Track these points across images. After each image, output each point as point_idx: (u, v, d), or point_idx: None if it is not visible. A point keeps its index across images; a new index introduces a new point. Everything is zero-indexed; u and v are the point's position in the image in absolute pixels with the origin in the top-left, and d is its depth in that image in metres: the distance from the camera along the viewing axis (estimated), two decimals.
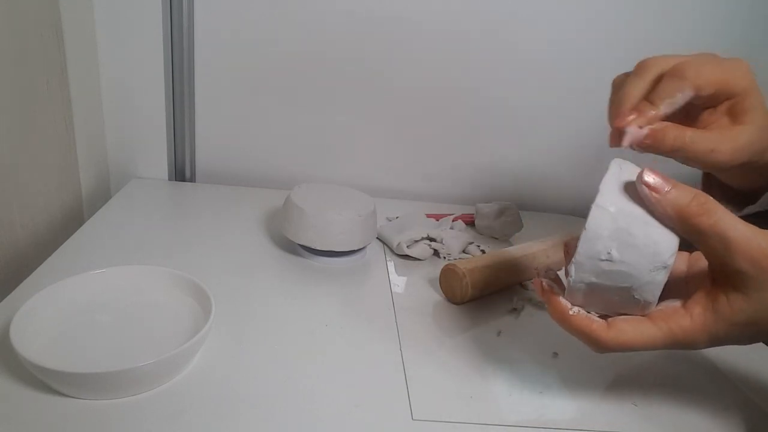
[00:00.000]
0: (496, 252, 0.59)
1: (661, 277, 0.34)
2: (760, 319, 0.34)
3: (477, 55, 0.75)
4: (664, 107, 0.38)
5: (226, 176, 0.81)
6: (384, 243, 0.66)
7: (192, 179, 0.80)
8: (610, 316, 0.37)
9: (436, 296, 0.56)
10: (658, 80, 0.39)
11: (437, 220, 0.72)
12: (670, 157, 0.40)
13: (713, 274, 0.36)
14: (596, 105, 0.77)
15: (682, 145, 0.39)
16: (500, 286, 0.57)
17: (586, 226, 0.34)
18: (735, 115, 0.40)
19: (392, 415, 0.39)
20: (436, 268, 0.58)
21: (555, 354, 0.49)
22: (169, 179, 0.79)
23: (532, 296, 0.58)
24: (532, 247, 0.60)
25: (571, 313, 0.37)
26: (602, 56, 0.75)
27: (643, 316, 0.37)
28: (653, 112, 0.38)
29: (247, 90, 0.76)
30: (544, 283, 0.39)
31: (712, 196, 0.53)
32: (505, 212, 0.72)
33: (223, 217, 0.68)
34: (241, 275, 0.55)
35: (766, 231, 0.33)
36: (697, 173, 0.53)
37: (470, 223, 0.75)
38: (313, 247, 0.58)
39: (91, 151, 0.72)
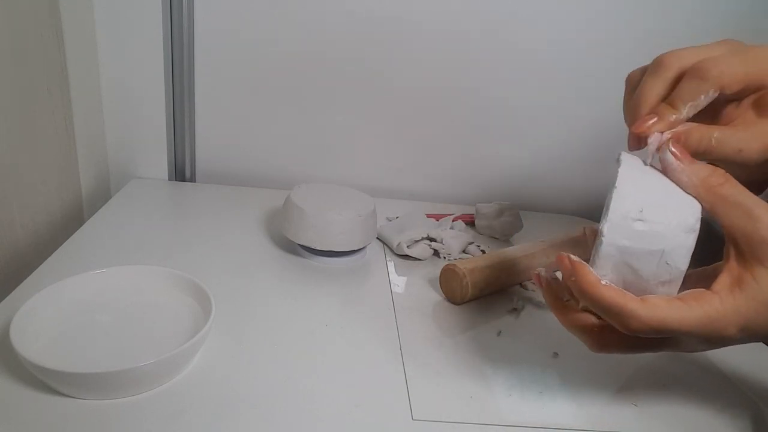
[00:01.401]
0: (496, 252, 0.59)
1: (691, 241, 0.34)
2: None
3: (477, 55, 0.75)
4: (687, 111, 0.36)
5: (226, 176, 0.81)
6: (384, 243, 0.66)
7: (192, 179, 0.80)
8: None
9: (436, 296, 0.56)
10: (679, 79, 0.36)
11: (437, 220, 0.72)
12: (695, 158, 0.37)
13: (736, 250, 0.34)
14: (596, 105, 0.78)
15: (707, 147, 0.36)
16: (500, 286, 0.57)
17: (616, 184, 0.34)
18: (762, 108, 0.37)
19: (392, 415, 0.39)
20: (436, 268, 0.58)
21: (555, 354, 0.49)
22: (169, 179, 0.79)
23: (532, 296, 0.58)
24: (532, 247, 0.60)
25: (603, 283, 0.34)
26: (602, 56, 0.75)
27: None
28: (674, 117, 0.36)
29: (248, 90, 0.76)
30: (571, 257, 0.36)
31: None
32: (505, 212, 0.72)
33: (223, 217, 0.68)
34: (241, 275, 0.55)
35: None
36: None
37: (470, 223, 0.75)
38: (313, 247, 0.58)
39: (91, 151, 0.72)
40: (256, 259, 0.59)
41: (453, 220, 0.72)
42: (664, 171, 0.35)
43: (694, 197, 0.34)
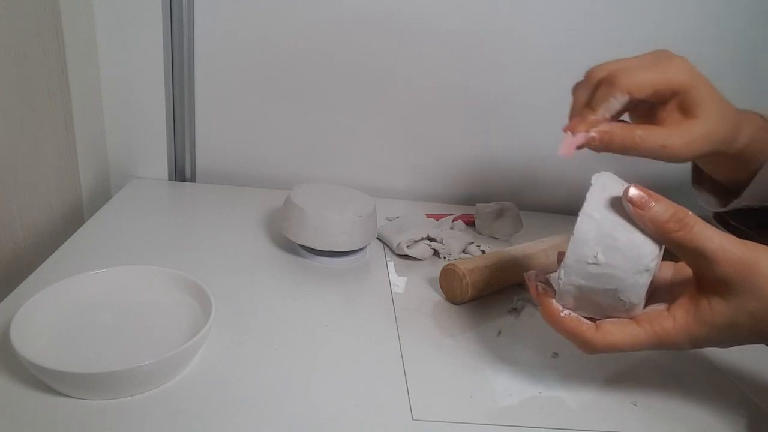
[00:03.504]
0: (496, 252, 0.59)
1: (644, 280, 0.36)
2: (739, 324, 0.36)
3: (478, 55, 0.75)
4: (602, 111, 0.42)
5: (226, 176, 0.81)
6: (384, 243, 0.66)
7: (192, 179, 0.80)
8: (599, 320, 0.39)
9: (436, 296, 0.56)
10: (598, 86, 0.43)
11: (437, 220, 0.72)
12: (627, 155, 0.43)
13: (697, 281, 0.38)
14: None
15: (632, 144, 0.42)
16: (500, 286, 0.57)
17: (574, 231, 0.37)
18: (685, 110, 0.43)
19: (392, 415, 0.39)
20: (436, 268, 0.58)
21: (555, 354, 0.49)
22: (169, 179, 0.79)
23: (532, 296, 0.58)
24: (532, 247, 0.60)
25: (562, 315, 0.39)
26: (603, 56, 0.75)
27: (629, 318, 0.38)
28: (592, 117, 0.42)
29: (248, 90, 0.76)
30: (538, 287, 0.41)
31: (702, 189, 0.55)
32: (505, 212, 0.72)
33: (223, 217, 0.68)
34: (241, 275, 0.55)
35: (742, 240, 0.35)
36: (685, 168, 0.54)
37: (470, 223, 0.75)
38: (313, 247, 0.58)
39: (91, 151, 0.72)
40: (256, 259, 0.59)
41: (453, 220, 0.72)
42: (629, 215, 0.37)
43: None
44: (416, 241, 0.64)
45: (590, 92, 0.44)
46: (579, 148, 0.43)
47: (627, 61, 0.44)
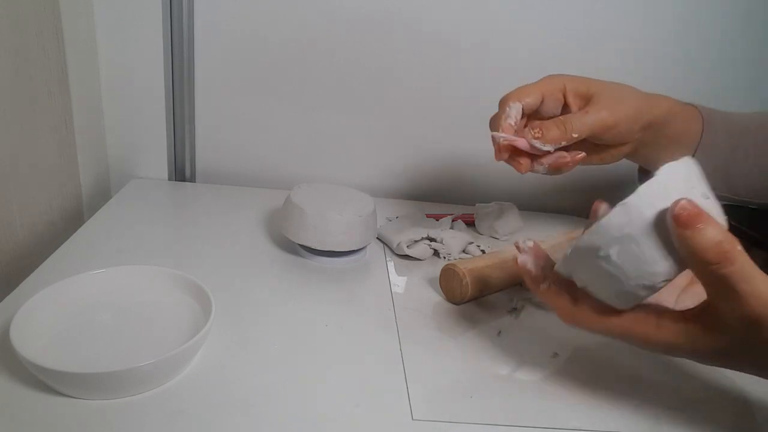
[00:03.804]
0: (496, 252, 0.59)
1: (644, 294, 0.35)
2: (725, 358, 0.36)
3: (478, 55, 0.75)
4: (506, 118, 0.51)
5: (226, 176, 0.80)
6: (384, 243, 0.66)
7: (192, 179, 0.80)
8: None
9: (436, 296, 0.56)
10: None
11: (437, 220, 0.72)
12: (570, 142, 0.51)
13: (707, 305, 0.35)
14: None
15: (567, 129, 0.50)
16: (500, 286, 0.57)
17: (601, 218, 0.35)
18: (581, 105, 0.53)
19: (392, 415, 0.39)
20: (436, 268, 0.58)
21: (555, 354, 0.49)
22: (169, 179, 0.79)
23: (532, 296, 0.58)
24: None
25: (541, 288, 0.41)
26: (602, 58, 0.75)
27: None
28: (505, 122, 0.51)
29: (248, 90, 0.76)
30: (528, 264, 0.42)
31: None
32: (505, 212, 0.72)
33: (223, 217, 0.68)
34: (241, 275, 0.55)
35: None
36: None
37: (470, 223, 0.75)
38: (313, 247, 0.58)
39: (91, 151, 0.72)
40: (256, 259, 0.59)
41: (453, 220, 0.72)
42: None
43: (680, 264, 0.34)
44: (416, 241, 0.64)
45: (502, 110, 0.53)
46: (532, 151, 0.51)
47: (525, 86, 0.53)
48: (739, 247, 0.32)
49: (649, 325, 0.36)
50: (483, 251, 0.66)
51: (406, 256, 0.63)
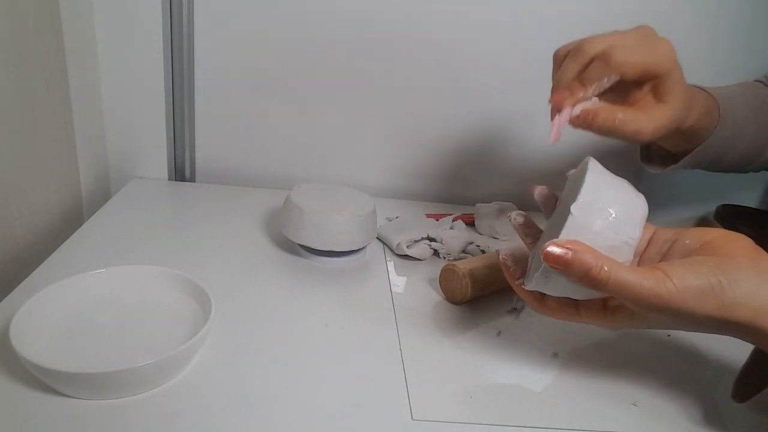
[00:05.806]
0: (496, 252, 0.59)
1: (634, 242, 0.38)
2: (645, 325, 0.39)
3: (478, 55, 0.75)
4: (593, 89, 0.43)
5: (226, 176, 0.80)
6: (384, 243, 0.66)
7: (192, 179, 0.80)
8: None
9: (436, 296, 0.56)
10: (591, 61, 0.43)
11: (437, 220, 0.72)
12: (601, 135, 0.45)
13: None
14: None
15: (611, 126, 0.44)
16: (500, 286, 0.57)
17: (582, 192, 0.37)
18: (658, 95, 0.45)
19: (392, 415, 0.39)
20: (436, 268, 0.58)
21: (555, 354, 0.49)
22: (169, 179, 0.79)
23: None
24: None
25: (516, 282, 0.43)
26: None
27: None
28: (582, 93, 0.43)
29: (247, 90, 0.76)
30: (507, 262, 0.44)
31: (646, 154, 0.61)
32: (505, 212, 0.72)
33: (223, 217, 0.68)
34: (241, 275, 0.55)
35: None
36: None
37: (470, 223, 0.75)
38: (313, 247, 0.58)
39: (91, 151, 0.72)
40: (256, 259, 0.59)
41: (453, 220, 0.72)
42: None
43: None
44: (416, 241, 0.64)
45: (582, 66, 0.43)
46: (564, 124, 0.44)
47: (619, 37, 0.43)
48: (606, 267, 0.34)
49: (598, 314, 0.40)
50: (483, 251, 0.66)
51: (406, 256, 0.63)
